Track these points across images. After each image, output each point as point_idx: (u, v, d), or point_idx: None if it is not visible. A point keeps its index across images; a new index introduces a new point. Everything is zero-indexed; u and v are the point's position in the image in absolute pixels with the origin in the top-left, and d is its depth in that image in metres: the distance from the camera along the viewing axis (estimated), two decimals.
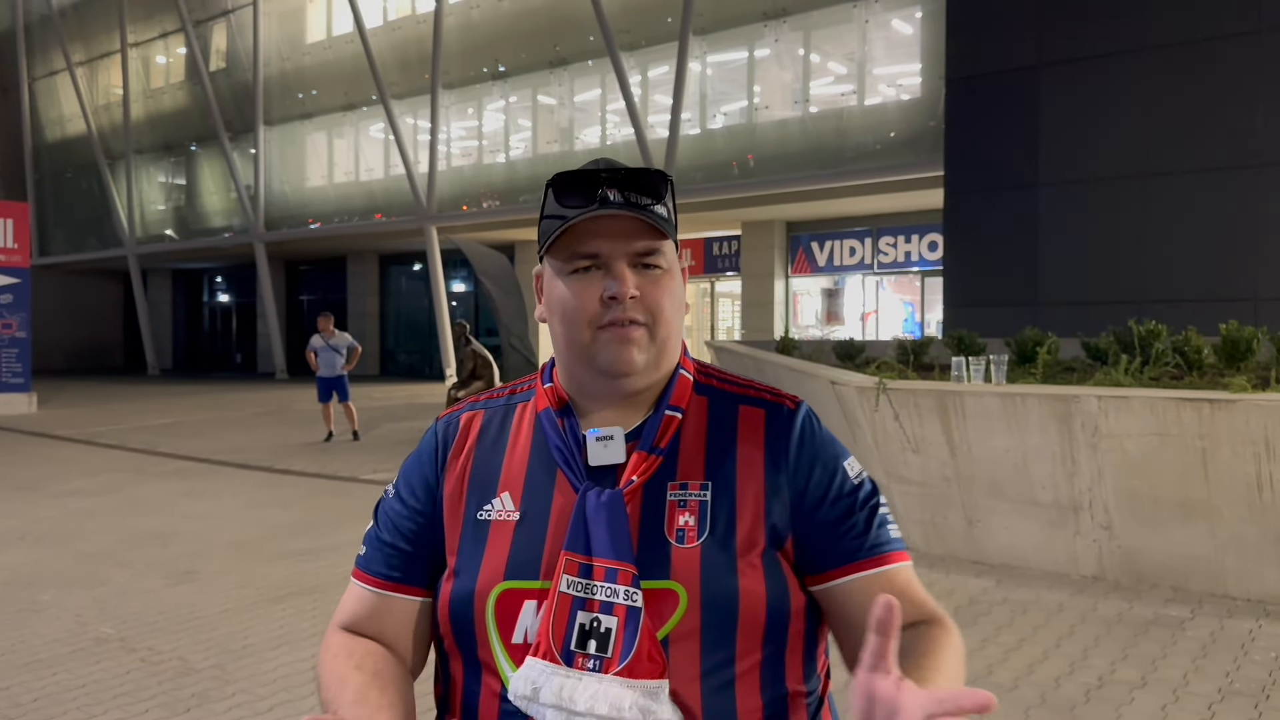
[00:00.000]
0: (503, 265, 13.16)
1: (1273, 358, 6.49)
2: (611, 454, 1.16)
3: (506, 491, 1.19)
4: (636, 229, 1.15)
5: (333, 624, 1.24)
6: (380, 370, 27.87)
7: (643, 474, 1.15)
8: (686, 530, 1.12)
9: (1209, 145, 10.08)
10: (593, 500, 1.12)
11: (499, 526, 1.16)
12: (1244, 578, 5.11)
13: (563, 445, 1.18)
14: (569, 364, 1.21)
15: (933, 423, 5.97)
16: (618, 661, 1.07)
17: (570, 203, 1.15)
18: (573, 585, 1.10)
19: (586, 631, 1.08)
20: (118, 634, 4.80)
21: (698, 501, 1.14)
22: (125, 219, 30.14)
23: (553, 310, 1.20)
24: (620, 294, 1.13)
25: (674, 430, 1.18)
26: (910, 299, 19.31)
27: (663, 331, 1.17)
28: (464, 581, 1.15)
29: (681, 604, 1.09)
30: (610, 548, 1.10)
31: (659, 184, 1.16)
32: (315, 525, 7.36)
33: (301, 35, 25.28)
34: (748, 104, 18.34)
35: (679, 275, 1.21)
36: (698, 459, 1.17)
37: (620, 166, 1.16)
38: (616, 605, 1.08)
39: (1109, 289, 10.47)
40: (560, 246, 1.17)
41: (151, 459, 11.13)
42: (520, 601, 1.12)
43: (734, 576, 1.11)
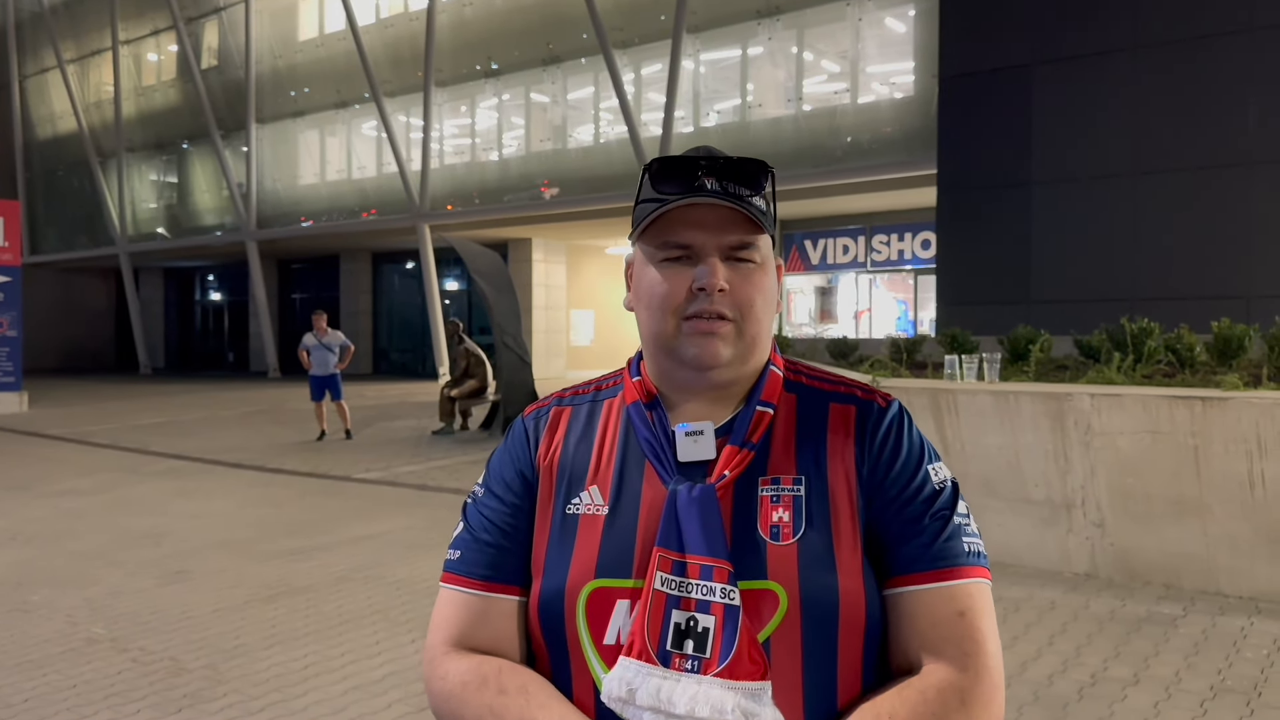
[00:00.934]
0: (496, 264, 13.14)
1: (1264, 355, 6.50)
2: (702, 449, 1.14)
3: (595, 485, 1.16)
4: (732, 220, 1.12)
5: (438, 645, 1.16)
6: (373, 369, 27.82)
7: (735, 468, 1.12)
8: (781, 527, 1.09)
9: (1201, 143, 10.09)
10: (684, 495, 1.09)
11: (588, 521, 1.14)
12: (1236, 575, 5.13)
13: (652, 438, 1.15)
14: (655, 355, 1.18)
15: (926, 421, 5.97)
16: (717, 662, 1.04)
17: (666, 189, 1.13)
18: (667, 583, 1.07)
19: (683, 631, 1.06)
20: (109, 634, 4.78)
21: (791, 496, 1.11)
22: (117, 217, 30.04)
23: (640, 298, 1.17)
24: (709, 285, 1.11)
25: (765, 426, 1.16)
26: (903, 297, 19.33)
27: (751, 328, 1.14)
28: (554, 579, 1.13)
29: (781, 605, 1.06)
30: (704, 544, 1.07)
31: (759, 175, 1.14)
32: (308, 525, 7.34)
33: (294, 32, 25.21)
34: (741, 102, 18.34)
35: (773, 271, 1.18)
36: (789, 454, 1.14)
37: (720, 154, 1.14)
38: (714, 604, 1.05)
39: (1101, 287, 10.48)
40: (653, 233, 1.15)
41: (143, 458, 11.09)
42: (613, 601, 1.09)
43: (834, 575, 1.08)
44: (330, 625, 4.88)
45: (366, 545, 6.62)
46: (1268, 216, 9.79)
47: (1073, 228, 10.86)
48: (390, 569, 5.95)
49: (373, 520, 7.40)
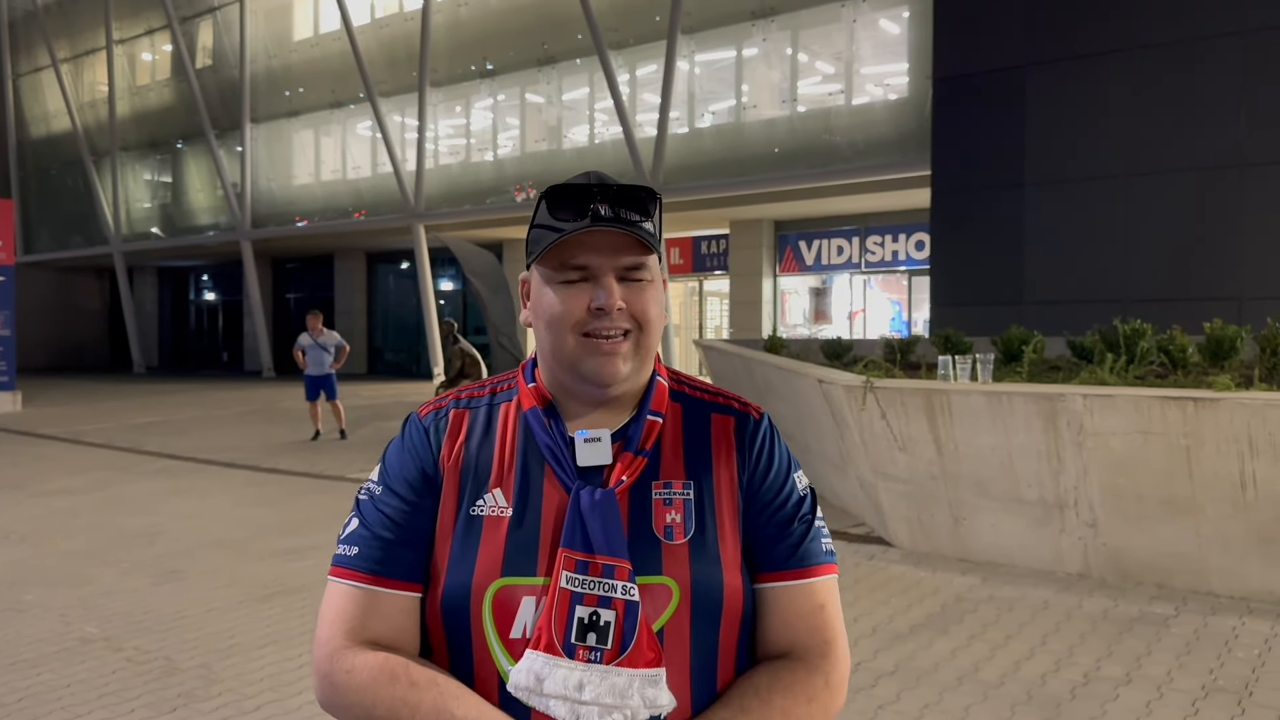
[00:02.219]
0: (491, 264, 13.14)
1: (1256, 357, 6.53)
2: (599, 455, 1.21)
3: (499, 488, 1.21)
4: (625, 244, 1.20)
5: (336, 638, 1.19)
6: (368, 369, 27.79)
7: (631, 474, 1.20)
8: (674, 527, 1.19)
9: (1193, 146, 10.13)
10: (586, 499, 1.17)
11: (492, 522, 1.19)
12: (1227, 575, 5.15)
13: (552, 444, 1.22)
14: (553, 369, 1.25)
15: (919, 421, 5.99)
16: (618, 652, 1.12)
17: (563, 215, 1.19)
18: (571, 581, 1.14)
19: (586, 625, 1.13)
20: (103, 633, 4.78)
21: (682, 500, 1.21)
22: (110, 216, 29.96)
23: (539, 316, 1.24)
24: (608, 305, 1.18)
25: (657, 434, 1.25)
26: (897, 298, 19.35)
27: (647, 340, 1.23)
28: (458, 576, 1.17)
29: (674, 598, 1.16)
30: (606, 545, 1.14)
31: (648, 201, 1.22)
32: (302, 524, 7.33)
33: (288, 32, 25.16)
34: (736, 103, 18.35)
35: (661, 285, 1.26)
36: (678, 460, 1.24)
37: (612, 182, 1.21)
38: (615, 599, 1.13)
39: (1094, 288, 10.52)
40: (551, 256, 1.21)
41: (137, 458, 11.08)
42: (518, 598, 1.15)
43: (719, 571, 1.19)
44: None
45: None
46: (1259, 218, 9.83)
47: (1066, 229, 10.90)
48: None
49: None
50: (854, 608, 5.08)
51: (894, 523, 6.37)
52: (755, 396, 7.90)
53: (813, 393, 7.16)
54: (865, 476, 6.60)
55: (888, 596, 5.33)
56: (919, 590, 5.43)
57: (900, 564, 6.00)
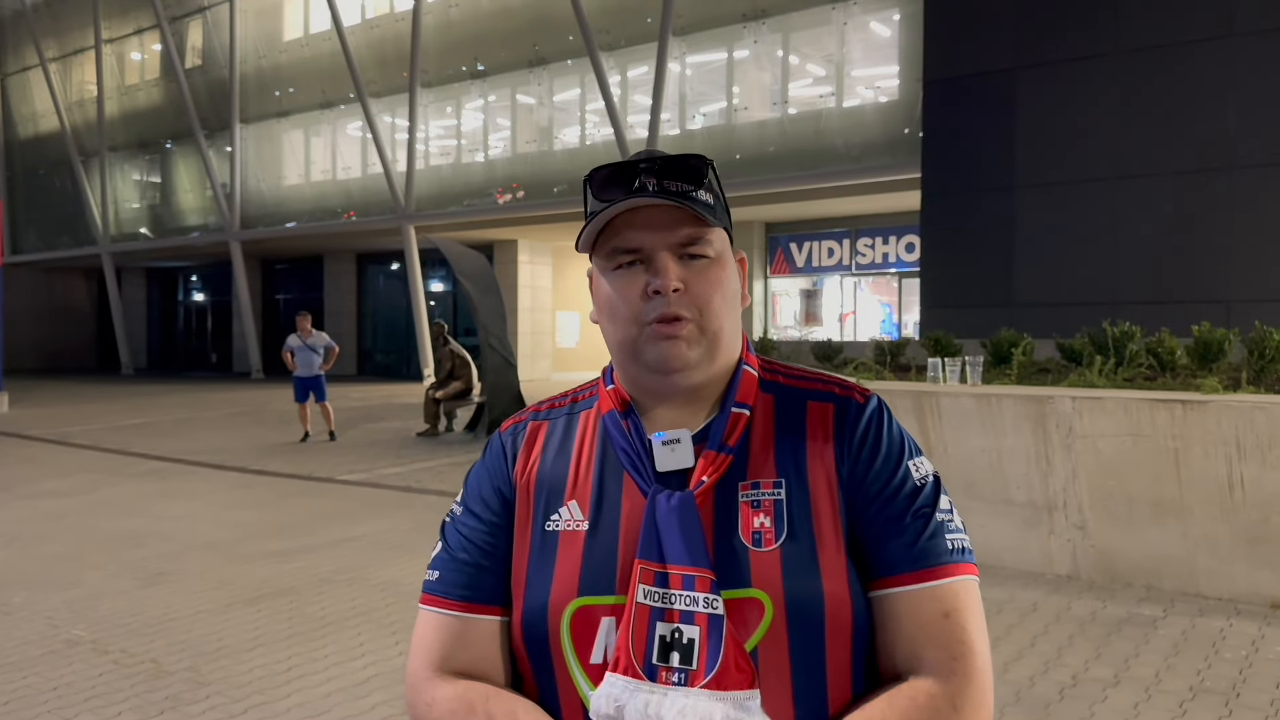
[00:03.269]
0: (481, 265, 13.11)
1: (1244, 359, 6.56)
2: (679, 458, 1.11)
3: (574, 500, 1.14)
4: (678, 218, 1.10)
5: (421, 670, 1.13)
6: (357, 370, 27.72)
7: (713, 474, 1.09)
8: (763, 533, 1.07)
9: (1182, 148, 10.18)
10: (662, 504, 1.07)
11: (568, 537, 1.12)
12: (1215, 577, 5.17)
13: (629, 448, 1.13)
14: (623, 363, 1.16)
15: (909, 423, 6.00)
16: (704, 673, 1.02)
17: (607, 196, 1.11)
18: (649, 595, 1.05)
19: (668, 643, 1.03)
20: (90, 636, 4.75)
21: (772, 501, 1.09)
22: (99, 217, 29.84)
23: (601, 310, 1.16)
24: (663, 286, 1.08)
25: (742, 428, 1.13)
26: (888, 300, 19.40)
27: (713, 325, 1.11)
28: (536, 598, 1.10)
29: (767, 612, 1.04)
30: (685, 553, 1.04)
31: (700, 169, 1.12)
32: (291, 526, 7.31)
33: (278, 33, 25.11)
34: (727, 105, 18.37)
35: (731, 264, 1.16)
36: (768, 457, 1.12)
37: (659, 154, 1.12)
38: (697, 614, 1.03)
39: (1084, 291, 10.55)
40: (601, 243, 1.13)
41: (125, 459, 11.03)
42: (597, 618, 1.07)
43: (818, 579, 1.06)
44: (313, 627, 4.87)
45: (350, 547, 6.59)
46: (1248, 221, 9.87)
47: (1055, 231, 10.93)
48: (374, 571, 5.93)
49: (356, 522, 7.37)
50: None
51: None
52: None
53: None
54: None
55: None
56: None
57: None
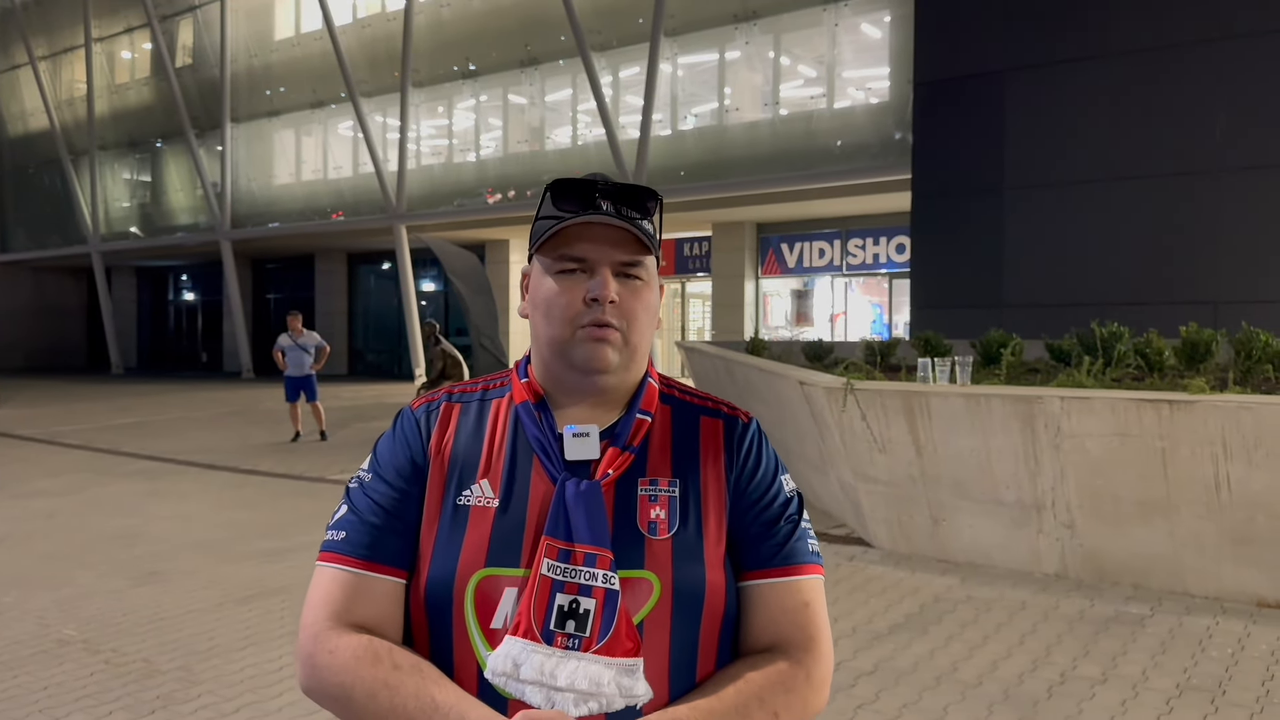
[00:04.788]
0: (473, 264, 13.11)
1: (1231, 360, 6.61)
2: (587, 449, 1.23)
3: (486, 479, 1.23)
4: (623, 240, 1.22)
5: (321, 621, 1.19)
6: (348, 370, 27.67)
7: (618, 468, 1.22)
8: (658, 523, 1.20)
9: (1170, 151, 10.24)
10: (572, 489, 1.18)
11: (478, 512, 1.20)
12: (1202, 576, 5.21)
13: (541, 437, 1.24)
14: (547, 359, 1.27)
15: (899, 423, 6.03)
16: (596, 640, 1.13)
17: (566, 207, 1.22)
18: (553, 569, 1.15)
19: (565, 612, 1.14)
20: (81, 636, 4.75)
21: (668, 496, 1.22)
22: (89, 216, 29.71)
23: (536, 306, 1.27)
24: (601, 296, 1.20)
25: (645, 432, 1.26)
26: (878, 301, 19.44)
27: (635, 338, 1.24)
28: (443, 565, 1.18)
29: (655, 592, 1.17)
30: (589, 534, 1.16)
31: (648, 201, 1.25)
32: (282, 526, 7.31)
33: (270, 32, 25.03)
34: (718, 106, 18.39)
35: (656, 289, 1.29)
36: (665, 459, 1.26)
37: (616, 181, 1.24)
38: (595, 588, 1.14)
39: (1072, 292, 10.60)
40: (551, 246, 1.24)
41: (115, 459, 11.00)
42: (501, 588, 1.16)
43: (701, 568, 1.20)
44: None
45: None
46: (1234, 223, 9.94)
47: (1044, 233, 10.98)
48: None
49: None
50: (834, 608, 5.11)
51: (873, 524, 6.40)
52: (736, 398, 7.91)
53: (794, 394, 7.20)
54: (845, 478, 6.64)
55: (867, 597, 5.36)
56: (898, 591, 5.47)
57: (880, 564, 6.03)
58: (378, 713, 1.11)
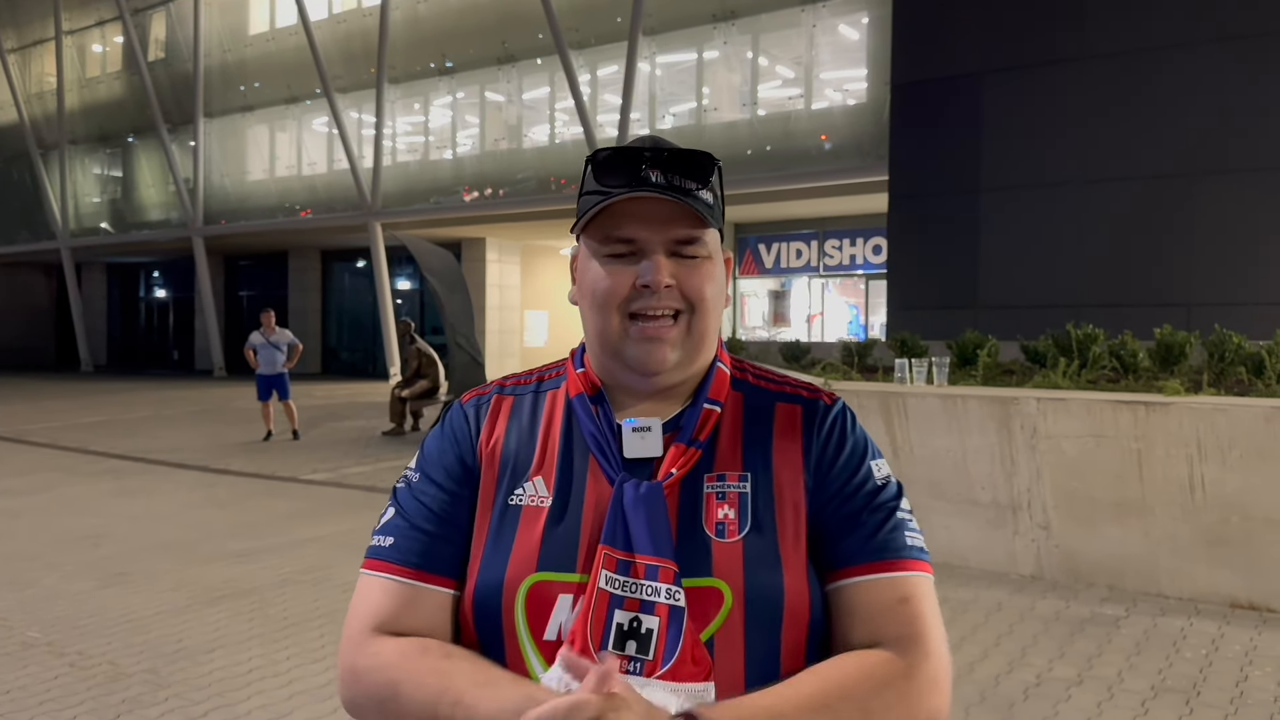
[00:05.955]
0: (449, 262, 13.02)
1: (1204, 362, 6.65)
2: (649, 446, 1.12)
3: (539, 476, 1.13)
4: (677, 214, 1.10)
5: (362, 631, 1.09)
6: (322, 368, 27.46)
7: (682, 467, 1.10)
8: (727, 524, 1.08)
9: (1145, 154, 10.31)
10: (630, 492, 1.07)
11: (530, 513, 1.11)
12: (1176, 576, 5.23)
13: (597, 433, 1.13)
14: (599, 353, 1.16)
15: (876, 423, 6.02)
16: (660, 664, 1.01)
17: (610, 181, 1.10)
18: (611, 581, 1.04)
19: (625, 632, 1.03)
20: (45, 638, 4.66)
21: (737, 494, 1.09)
22: (58, 211, 29.34)
23: (584, 293, 1.15)
24: (654, 282, 1.08)
25: (713, 424, 1.14)
26: (855, 301, 19.51)
27: (701, 323, 1.13)
28: (492, 570, 1.09)
29: (725, 603, 1.04)
30: (650, 544, 1.04)
31: (706, 167, 1.12)
32: (253, 526, 7.21)
33: (243, 26, 24.80)
34: (696, 105, 18.39)
35: (721, 265, 1.16)
36: (735, 452, 1.13)
37: (667, 145, 1.11)
38: (658, 605, 1.03)
39: (1048, 293, 10.66)
40: (596, 227, 1.12)
41: (83, 458, 10.84)
42: (554, 595, 1.06)
43: (778, 572, 1.06)
44: (275, 628, 4.80)
45: (313, 547, 6.52)
46: (1208, 226, 10.02)
47: (1020, 235, 11.04)
48: (337, 571, 5.86)
49: (320, 522, 7.28)
50: None
51: None
52: None
53: None
54: None
55: None
56: None
57: None
58: (425, 702, 1.00)
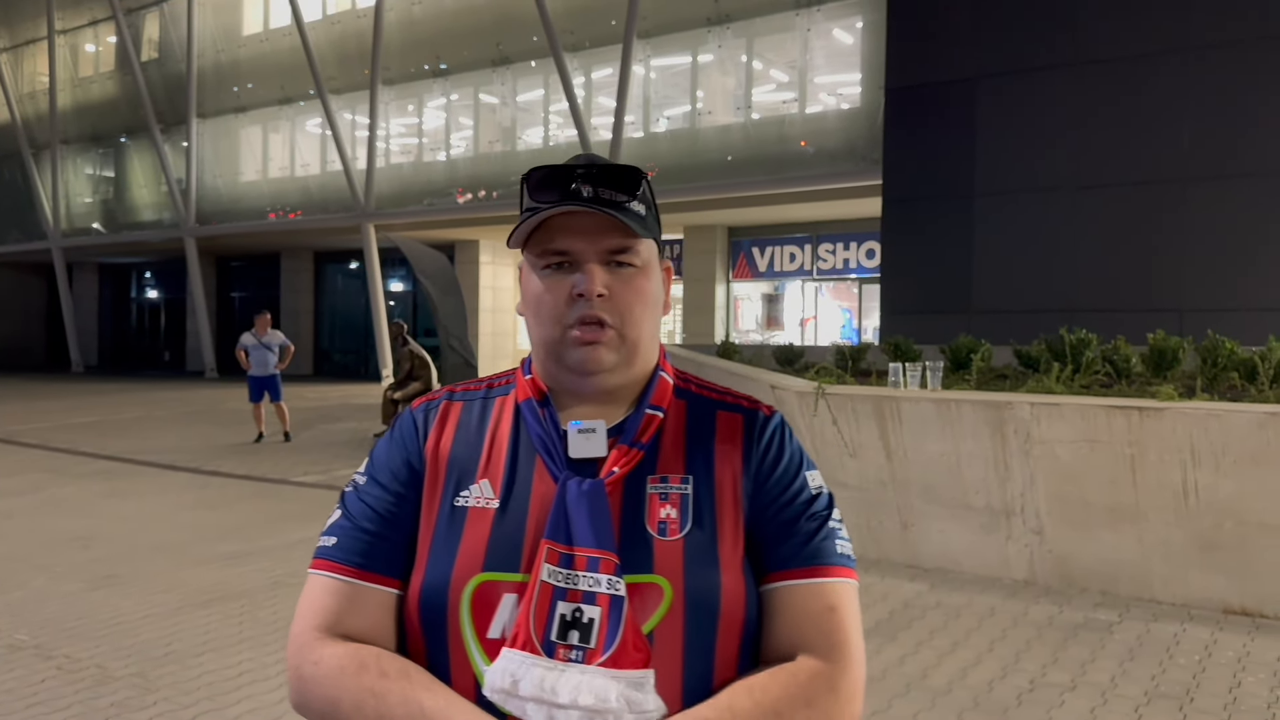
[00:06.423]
0: (442, 265, 12.99)
1: (1197, 367, 6.66)
2: (593, 446, 1.15)
3: (486, 479, 1.16)
4: (608, 226, 1.14)
5: (308, 631, 1.12)
6: (314, 370, 27.38)
7: (624, 466, 1.14)
8: (669, 523, 1.12)
9: (1138, 159, 10.34)
10: (574, 489, 1.11)
11: (477, 514, 1.13)
12: (1170, 581, 5.23)
13: (544, 434, 1.16)
14: (543, 360, 1.20)
15: (870, 427, 6.02)
16: (601, 652, 1.05)
17: (543, 197, 1.15)
18: (554, 575, 1.07)
19: (568, 622, 1.06)
20: (33, 640, 4.62)
21: (679, 494, 1.14)
22: (50, 211, 29.21)
23: (528, 305, 1.20)
24: (587, 291, 1.13)
25: (655, 428, 1.18)
26: (848, 305, 19.51)
27: (632, 332, 1.16)
28: (438, 570, 1.11)
29: (666, 598, 1.08)
30: (592, 537, 1.08)
31: (634, 180, 1.16)
32: (244, 528, 7.17)
33: (237, 27, 24.74)
34: (691, 109, 18.40)
35: (656, 275, 1.20)
36: (678, 456, 1.17)
37: (599, 162, 1.16)
38: (599, 595, 1.06)
39: (1041, 298, 10.68)
40: (534, 242, 1.17)
41: (73, 459, 10.78)
42: (499, 595, 1.09)
43: (716, 571, 1.10)
44: (265, 631, 4.77)
45: (304, 550, 6.48)
46: (1201, 232, 10.05)
47: (1014, 239, 11.06)
48: None
49: (311, 524, 7.25)
50: None
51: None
52: None
53: (765, 398, 7.15)
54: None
55: None
56: (868, 596, 5.45)
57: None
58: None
